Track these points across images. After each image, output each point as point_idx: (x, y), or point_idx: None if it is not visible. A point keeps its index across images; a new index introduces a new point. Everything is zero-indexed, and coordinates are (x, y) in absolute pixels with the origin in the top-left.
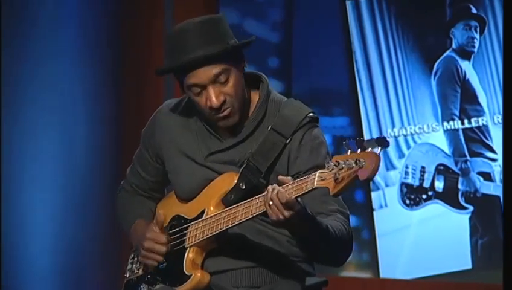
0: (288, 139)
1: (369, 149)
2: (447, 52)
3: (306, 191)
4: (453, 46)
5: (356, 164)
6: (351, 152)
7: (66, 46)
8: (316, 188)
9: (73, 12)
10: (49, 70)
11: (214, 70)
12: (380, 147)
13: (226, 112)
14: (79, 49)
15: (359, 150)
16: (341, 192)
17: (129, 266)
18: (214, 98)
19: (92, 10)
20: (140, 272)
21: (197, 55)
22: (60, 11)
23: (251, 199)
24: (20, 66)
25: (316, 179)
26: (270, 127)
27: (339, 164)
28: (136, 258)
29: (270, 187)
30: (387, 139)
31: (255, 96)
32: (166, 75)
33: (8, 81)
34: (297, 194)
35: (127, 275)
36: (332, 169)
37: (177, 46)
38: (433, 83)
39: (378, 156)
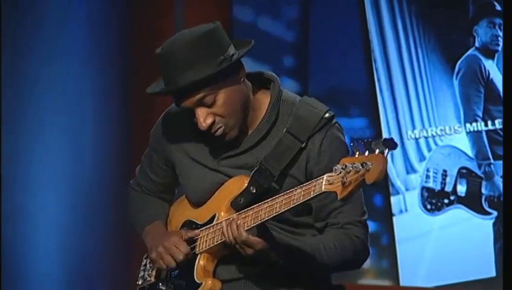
0: (304, 144)
1: (377, 151)
2: (470, 51)
3: (314, 195)
4: (476, 44)
5: (363, 166)
6: (358, 154)
7: (73, 46)
8: (323, 192)
9: (81, 11)
10: (56, 70)
11: (197, 95)
12: (387, 149)
13: (219, 132)
14: (87, 49)
15: (366, 152)
16: (349, 196)
17: (141, 274)
18: (201, 121)
19: (100, 10)
20: (153, 279)
21: (178, 83)
22: (67, 11)
23: (261, 203)
24: (26, 65)
25: (324, 182)
26: (285, 129)
27: (346, 167)
28: (148, 265)
29: (224, 223)
30: (395, 140)
31: (266, 98)
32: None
33: (14, 82)
34: (305, 199)
35: (139, 283)
36: (340, 172)
37: (162, 69)
38: (456, 82)
39: (385, 158)
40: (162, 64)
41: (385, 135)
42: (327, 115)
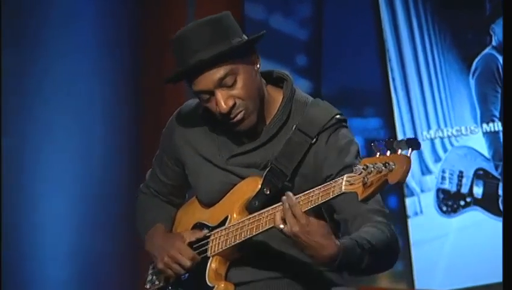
0: (314, 139)
1: (399, 151)
2: (487, 50)
3: (333, 196)
4: (493, 43)
5: (385, 167)
6: (380, 154)
7: (82, 45)
8: (343, 193)
9: (90, 10)
10: (64, 69)
11: (217, 73)
12: (410, 149)
13: (239, 116)
14: (97, 48)
15: (389, 152)
16: (370, 197)
17: (149, 277)
18: (222, 103)
19: (110, 9)
20: (162, 283)
21: (196, 60)
22: (75, 9)
23: (276, 205)
24: (33, 65)
25: (344, 183)
26: (294, 126)
27: (367, 167)
28: (156, 269)
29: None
30: (419, 140)
31: (279, 96)
32: (174, 83)
33: (21, 82)
34: (324, 200)
35: (148, 287)
36: (361, 173)
37: (177, 52)
38: (472, 82)
39: (409, 158)
40: (178, 47)
41: (400, 136)
42: (338, 116)
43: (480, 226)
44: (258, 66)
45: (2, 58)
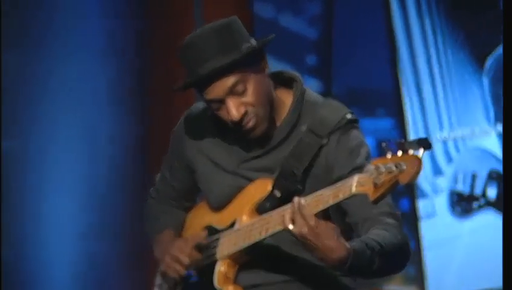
0: (325, 140)
1: (411, 151)
2: (500, 49)
3: (344, 197)
4: None
5: (397, 167)
6: (391, 155)
7: (88, 45)
8: (354, 194)
9: (96, 10)
10: (71, 69)
11: (228, 82)
12: (422, 149)
13: (250, 123)
14: (103, 48)
15: (400, 153)
16: (381, 198)
17: (158, 282)
18: (234, 111)
19: (116, 9)
20: (170, 287)
21: (206, 69)
22: (79, 9)
23: (285, 206)
24: (38, 65)
25: (355, 184)
26: (305, 127)
27: (378, 168)
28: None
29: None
30: (430, 140)
31: (288, 97)
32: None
33: (25, 82)
34: (334, 202)
35: None
36: (372, 173)
37: (186, 60)
38: (485, 82)
39: (420, 159)
40: (187, 56)
41: (412, 136)
42: (350, 116)
43: (494, 229)
44: (267, 70)
45: (2, 58)
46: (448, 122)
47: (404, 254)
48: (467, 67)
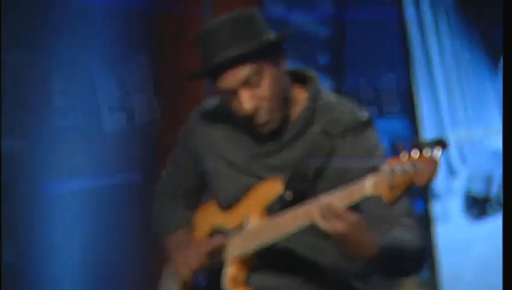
0: (339, 140)
1: (427, 152)
2: None
3: (358, 199)
4: None
5: (412, 168)
6: (406, 155)
7: (96, 40)
8: (369, 196)
9: (103, 7)
10: (77, 67)
11: (243, 72)
12: (438, 150)
13: (263, 119)
14: (110, 43)
15: (415, 153)
16: (396, 199)
17: (166, 283)
18: (245, 104)
19: (124, 3)
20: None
21: (222, 57)
22: (85, 7)
23: (297, 207)
24: (43, 64)
25: (369, 185)
26: (319, 127)
27: (393, 169)
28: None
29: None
30: (446, 140)
31: (303, 95)
32: (198, 80)
33: (29, 82)
34: (348, 203)
35: None
36: (387, 175)
37: (202, 47)
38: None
39: (436, 159)
40: (203, 43)
41: (425, 137)
42: (365, 116)
43: None
44: (284, 66)
45: (2, 58)
46: (463, 122)
47: (420, 256)
48: (483, 66)
